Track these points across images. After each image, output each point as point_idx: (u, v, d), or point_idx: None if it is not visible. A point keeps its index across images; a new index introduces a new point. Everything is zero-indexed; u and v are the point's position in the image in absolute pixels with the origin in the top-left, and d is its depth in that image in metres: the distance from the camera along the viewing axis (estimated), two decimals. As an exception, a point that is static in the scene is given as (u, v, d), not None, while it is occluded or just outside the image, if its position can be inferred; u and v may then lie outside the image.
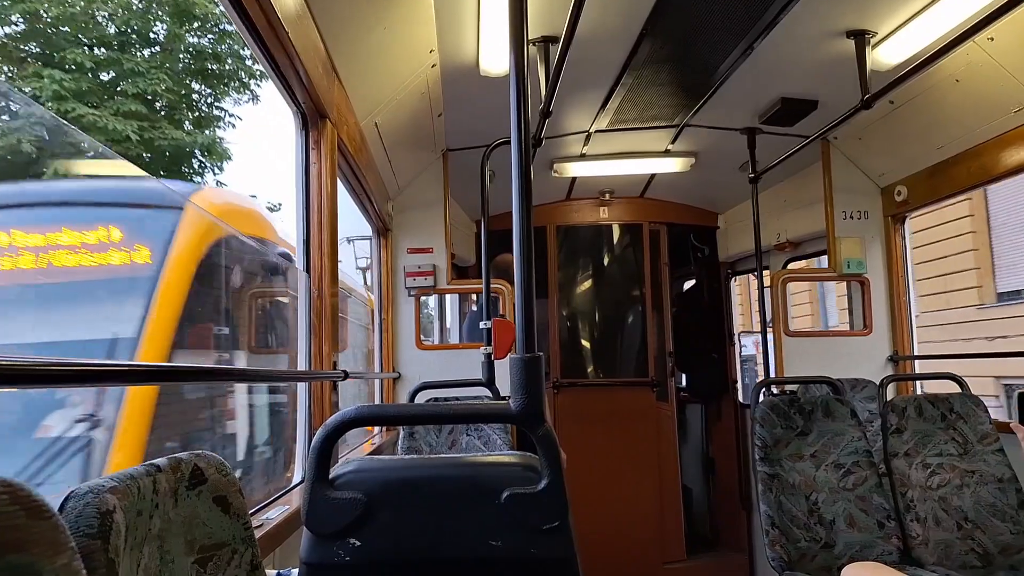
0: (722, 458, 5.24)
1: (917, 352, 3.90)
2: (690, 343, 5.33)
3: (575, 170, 4.30)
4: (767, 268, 4.49)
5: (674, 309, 5.13)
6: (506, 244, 3.12)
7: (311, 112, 2.17)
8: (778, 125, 3.60)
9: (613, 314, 5.20)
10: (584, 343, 5.17)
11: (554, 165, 4.22)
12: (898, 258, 3.88)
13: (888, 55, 2.78)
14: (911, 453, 2.72)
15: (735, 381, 5.33)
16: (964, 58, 2.72)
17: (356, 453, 3.10)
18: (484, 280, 3.50)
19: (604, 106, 3.40)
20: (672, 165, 4.21)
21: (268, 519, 1.64)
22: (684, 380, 5.61)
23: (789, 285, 4.22)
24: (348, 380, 2.41)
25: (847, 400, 2.85)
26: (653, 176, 4.56)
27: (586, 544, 4.28)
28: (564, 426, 4.61)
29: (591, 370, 5.11)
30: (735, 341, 5.54)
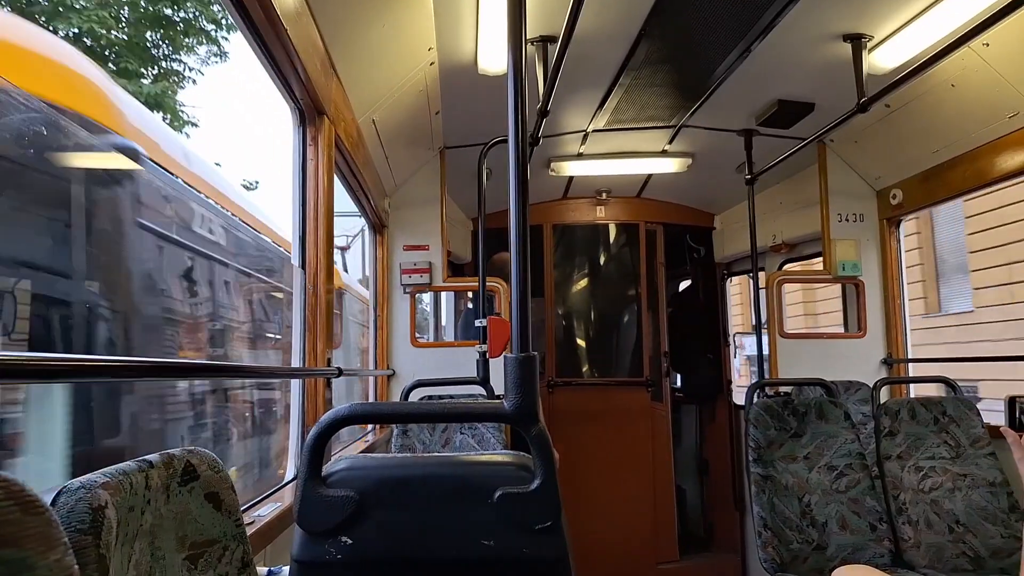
0: (716, 459, 5.25)
1: (911, 356, 3.92)
2: (685, 344, 5.34)
3: (572, 169, 4.30)
4: (763, 269, 4.50)
5: (670, 309, 5.13)
6: (502, 242, 3.12)
7: (308, 108, 2.17)
8: (775, 127, 3.60)
9: (609, 314, 5.20)
10: (579, 342, 5.17)
11: (551, 164, 4.22)
12: (893, 261, 3.89)
13: (884, 59, 2.79)
14: (904, 456, 2.74)
15: (730, 382, 5.35)
16: (959, 63, 2.73)
17: (349, 450, 3.10)
18: (480, 278, 3.51)
19: (602, 106, 3.40)
20: (669, 165, 4.21)
21: (259, 516, 1.64)
22: (679, 380, 5.62)
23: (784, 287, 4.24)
24: (340, 377, 2.41)
25: (841, 402, 2.86)
26: (650, 176, 4.57)
27: (579, 544, 4.33)
28: (558, 425, 4.61)
29: (586, 369, 5.11)
30: (730, 342, 5.55)
